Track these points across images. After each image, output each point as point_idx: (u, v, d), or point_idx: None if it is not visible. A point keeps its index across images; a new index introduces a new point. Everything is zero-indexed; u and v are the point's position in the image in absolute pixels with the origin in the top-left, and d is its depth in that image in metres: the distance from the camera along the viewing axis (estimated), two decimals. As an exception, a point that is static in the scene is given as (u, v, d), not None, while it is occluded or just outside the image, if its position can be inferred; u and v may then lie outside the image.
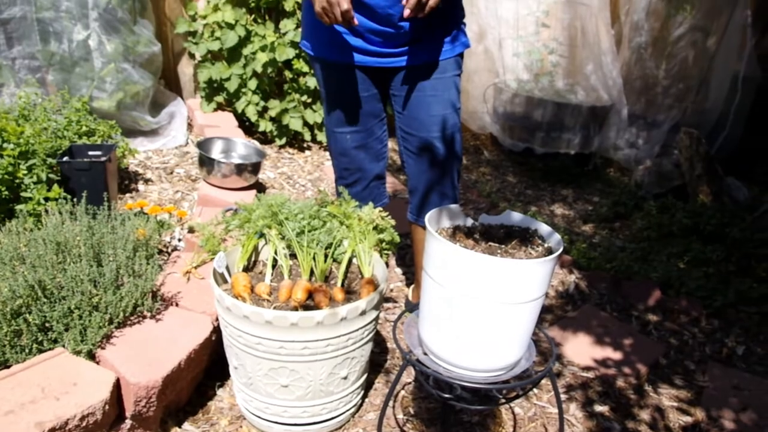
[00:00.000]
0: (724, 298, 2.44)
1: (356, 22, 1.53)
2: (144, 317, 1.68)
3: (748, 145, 3.86)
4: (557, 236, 1.40)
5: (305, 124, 3.16)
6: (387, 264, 2.28)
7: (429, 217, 1.39)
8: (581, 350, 2.10)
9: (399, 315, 1.52)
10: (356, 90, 1.85)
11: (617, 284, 2.52)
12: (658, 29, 3.90)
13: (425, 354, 1.40)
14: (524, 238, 1.45)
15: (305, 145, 3.29)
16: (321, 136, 3.22)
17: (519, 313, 1.32)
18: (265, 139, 3.30)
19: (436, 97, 1.81)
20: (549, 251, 1.38)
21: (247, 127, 3.25)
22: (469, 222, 1.52)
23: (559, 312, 2.33)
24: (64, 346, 1.53)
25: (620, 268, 2.58)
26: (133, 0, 2.78)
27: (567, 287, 2.48)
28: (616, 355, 2.10)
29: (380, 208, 1.89)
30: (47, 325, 1.55)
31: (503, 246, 1.41)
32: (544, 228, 1.46)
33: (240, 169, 2.42)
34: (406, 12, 1.50)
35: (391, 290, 2.31)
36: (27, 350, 1.52)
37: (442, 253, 1.29)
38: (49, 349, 1.54)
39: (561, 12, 3.69)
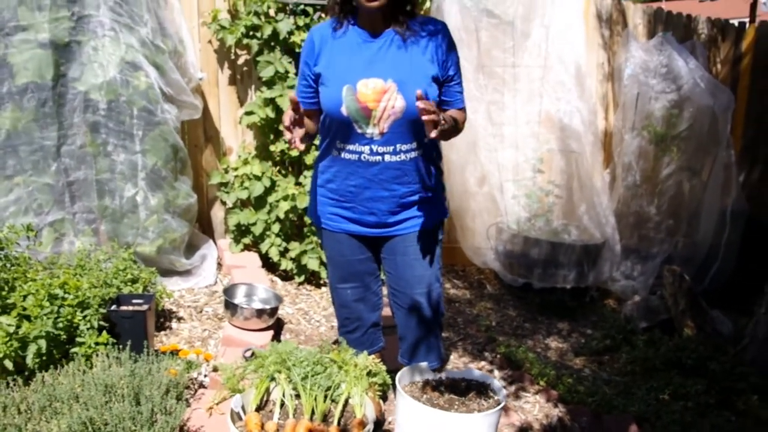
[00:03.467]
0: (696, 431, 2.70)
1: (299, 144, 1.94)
2: (172, 449, 2.08)
3: (739, 276, 4.19)
4: (504, 391, 1.78)
5: (322, 263, 3.64)
6: (385, 399, 2.66)
7: (401, 374, 1.79)
8: (558, 484, 2.40)
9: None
10: (354, 254, 2.31)
11: (597, 418, 2.80)
12: (648, 169, 4.38)
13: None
14: (480, 391, 1.83)
15: (321, 282, 3.76)
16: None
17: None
18: (286, 276, 3.79)
19: (418, 260, 2.26)
20: (498, 403, 1.76)
21: (271, 265, 3.75)
22: (437, 377, 1.91)
23: (542, 445, 2.63)
24: (106, 473, 1.94)
25: (601, 402, 2.87)
26: (175, 161, 3.38)
27: (550, 420, 2.78)
28: (592, 489, 2.39)
29: (374, 356, 2.30)
30: (94, 456, 1.96)
31: (462, 398, 1.80)
32: (496, 383, 1.85)
33: (260, 313, 2.89)
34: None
35: (389, 422, 2.66)
36: (77, 476, 1.93)
37: (406, 406, 1.69)
38: (95, 475, 1.95)
39: (556, 159, 4.22)
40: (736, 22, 5.13)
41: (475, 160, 4.04)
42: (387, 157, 2.10)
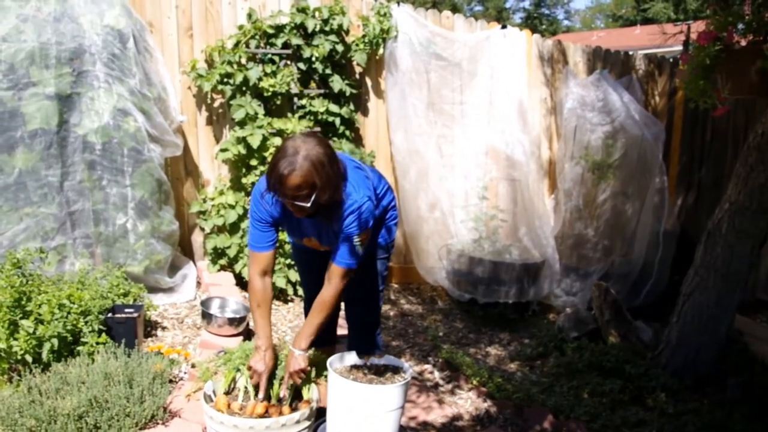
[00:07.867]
0: (604, 420, 3.42)
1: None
2: (158, 423, 2.81)
3: (672, 291, 4.94)
4: (411, 371, 2.54)
5: (288, 281, 4.42)
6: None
7: (331, 359, 2.55)
8: (478, 459, 3.14)
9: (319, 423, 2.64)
10: (315, 260, 3.07)
11: (519, 410, 3.53)
12: (586, 195, 5.19)
13: (331, 445, 2.51)
14: (395, 371, 2.59)
15: (288, 298, 4.53)
16: (301, 291, 4.47)
17: (385, 418, 2.44)
18: (257, 292, 4.56)
19: (363, 272, 3.02)
20: (405, 379, 2.52)
21: (244, 284, 4.51)
22: (362, 362, 2.67)
23: (470, 431, 3.37)
24: (107, 439, 2.68)
25: (524, 397, 3.61)
26: (159, 193, 4.16)
27: (479, 412, 3.52)
28: (506, 463, 3.13)
29: (320, 351, 3.06)
30: (97, 425, 2.72)
31: (380, 377, 2.56)
32: (406, 366, 2.60)
33: (231, 321, 3.65)
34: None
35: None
36: (84, 442, 2.68)
37: (335, 382, 2.45)
38: (98, 442, 2.70)
39: (501, 187, 5.03)
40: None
41: (427, 188, 4.84)
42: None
